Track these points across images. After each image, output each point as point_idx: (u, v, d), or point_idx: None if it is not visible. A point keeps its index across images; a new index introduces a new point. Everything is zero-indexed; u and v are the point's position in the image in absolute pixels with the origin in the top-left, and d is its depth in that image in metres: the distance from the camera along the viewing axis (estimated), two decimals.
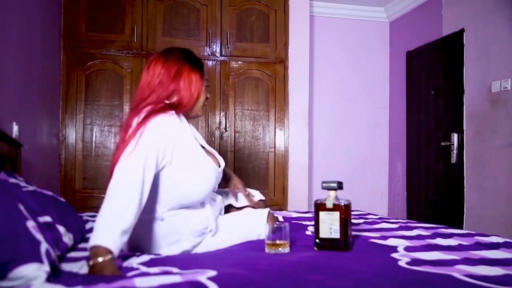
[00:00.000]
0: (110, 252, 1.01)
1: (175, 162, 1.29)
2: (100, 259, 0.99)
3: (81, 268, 1.07)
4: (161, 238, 1.34)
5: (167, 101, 1.35)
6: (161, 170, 1.28)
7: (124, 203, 1.10)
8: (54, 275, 0.97)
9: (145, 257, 1.22)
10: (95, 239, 1.03)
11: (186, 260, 1.16)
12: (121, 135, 1.26)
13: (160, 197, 1.32)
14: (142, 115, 1.25)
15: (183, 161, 1.30)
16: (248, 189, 1.76)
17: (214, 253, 1.31)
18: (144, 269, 1.02)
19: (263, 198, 1.74)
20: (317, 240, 1.31)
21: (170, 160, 1.28)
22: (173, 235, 1.34)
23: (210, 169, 1.38)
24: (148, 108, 1.29)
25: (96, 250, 1.01)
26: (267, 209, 1.56)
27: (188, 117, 1.45)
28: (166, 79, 1.34)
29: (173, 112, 1.34)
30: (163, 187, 1.30)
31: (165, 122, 1.27)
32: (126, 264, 1.13)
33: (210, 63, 3.35)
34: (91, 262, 1.00)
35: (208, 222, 1.39)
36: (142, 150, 1.18)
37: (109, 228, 1.05)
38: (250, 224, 1.49)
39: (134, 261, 1.16)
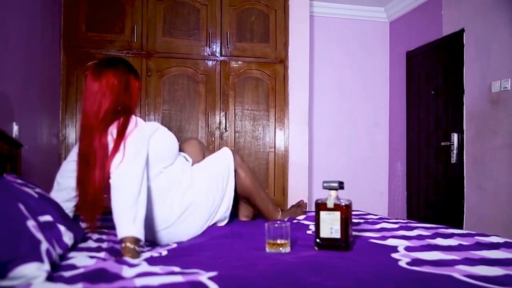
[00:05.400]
0: (137, 240, 1.24)
1: (152, 144, 1.54)
2: (131, 246, 1.21)
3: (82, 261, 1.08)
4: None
5: (119, 108, 1.51)
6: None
7: (135, 195, 1.29)
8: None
9: (146, 255, 1.24)
10: (122, 231, 1.23)
11: (187, 260, 1.16)
12: (101, 152, 1.39)
13: (157, 158, 1.57)
14: (114, 130, 1.41)
15: (156, 139, 1.57)
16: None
17: (214, 253, 1.31)
18: (145, 268, 1.03)
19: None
20: (317, 240, 1.31)
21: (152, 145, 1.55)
22: (169, 190, 1.60)
23: (167, 130, 1.69)
24: (114, 120, 1.44)
25: (130, 239, 1.22)
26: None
27: None
28: (121, 89, 1.53)
29: (133, 115, 1.50)
30: (155, 161, 1.56)
31: (138, 124, 1.46)
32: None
33: (210, 63, 3.35)
34: (124, 246, 1.22)
35: (182, 164, 1.73)
36: (136, 151, 1.37)
37: (131, 219, 1.25)
38: (216, 155, 1.86)
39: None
